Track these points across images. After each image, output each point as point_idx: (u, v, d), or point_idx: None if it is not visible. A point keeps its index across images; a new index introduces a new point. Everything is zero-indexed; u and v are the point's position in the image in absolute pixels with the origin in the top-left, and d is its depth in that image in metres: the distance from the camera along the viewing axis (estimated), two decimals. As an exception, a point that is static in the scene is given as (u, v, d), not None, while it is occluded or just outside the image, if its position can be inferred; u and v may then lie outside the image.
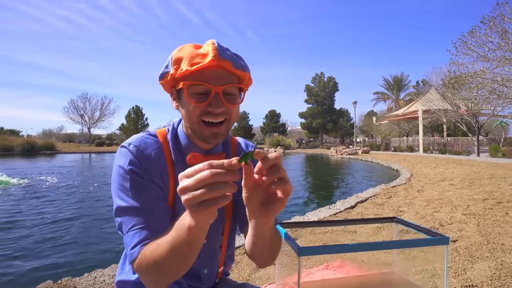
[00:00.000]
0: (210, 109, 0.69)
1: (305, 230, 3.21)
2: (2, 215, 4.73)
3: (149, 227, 0.67)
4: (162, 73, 0.74)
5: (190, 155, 0.75)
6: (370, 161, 15.73)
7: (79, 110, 41.77)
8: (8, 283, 2.51)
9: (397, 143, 25.19)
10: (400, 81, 40.91)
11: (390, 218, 1.82)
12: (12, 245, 3.40)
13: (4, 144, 23.35)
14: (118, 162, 0.72)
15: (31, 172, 11.11)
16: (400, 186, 6.34)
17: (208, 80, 0.68)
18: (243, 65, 0.72)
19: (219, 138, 0.74)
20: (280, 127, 53.67)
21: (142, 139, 0.75)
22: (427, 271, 2.20)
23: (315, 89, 42.56)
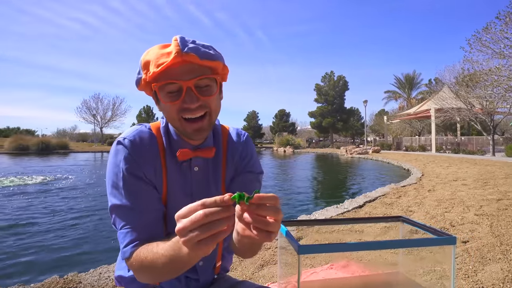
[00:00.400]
0: (185, 105, 0.69)
1: (311, 229, 3.18)
2: (15, 212, 4.85)
3: (140, 227, 0.69)
4: (136, 80, 0.73)
5: (179, 152, 0.75)
6: (381, 161, 15.52)
7: (92, 110, 42.54)
8: (17, 276, 2.56)
9: (409, 143, 24.76)
10: (412, 80, 40.16)
11: (396, 217, 1.77)
12: (22, 240, 3.48)
13: (20, 144, 23.97)
14: (112, 159, 0.72)
15: (45, 170, 11.36)
16: (410, 185, 6.22)
17: (176, 77, 0.67)
18: (211, 54, 0.70)
19: (203, 132, 0.73)
20: (290, 126, 53.49)
21: (137, 132, 0.75)
22: (433, 272, 2.14)
23: (325, 88, 42.23)
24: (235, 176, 0.85)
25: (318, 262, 2.38)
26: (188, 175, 0.79)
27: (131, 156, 0.71)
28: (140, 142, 0.74)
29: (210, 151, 0.79)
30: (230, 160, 0.85)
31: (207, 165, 0.81)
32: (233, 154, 0.85)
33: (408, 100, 38.25)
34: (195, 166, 0.79)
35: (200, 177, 0.80)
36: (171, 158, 0.77)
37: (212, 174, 0.82)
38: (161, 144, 0.77)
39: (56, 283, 1.94)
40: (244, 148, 0.87)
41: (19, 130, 49.80)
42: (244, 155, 0.87)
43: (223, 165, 0.84)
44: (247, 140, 0.90)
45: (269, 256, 2.41)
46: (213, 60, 0.70)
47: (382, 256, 2.48)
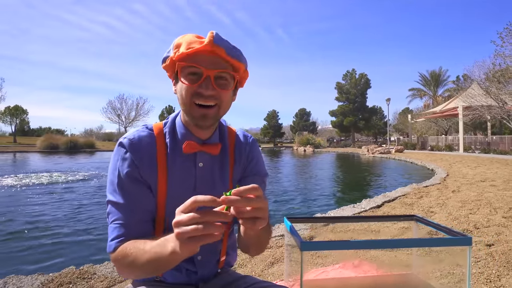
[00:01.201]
0: (200, 90, 0.72)
1: (325, 228, 3.12)
2: (41, 208, 5.10)
3: (128, 225, 0.73)
4: (164, 57, 0.78)
5: (186, 143, 0.77)
6: (403, 160, 15.02)
7: (116, 110, 44.11)
8: (36, 265, 2.69)
9: (434, 142, 23.80)
10: (438, 77, 38.54)
11: (409, 216, 1.70)
12: (44, 233, 3.66)
13: (51, 143, 25.24)
14: (113, 157, 0.77)
15: (72, 168, 11.89)
16: (433, 186, 5.97)
17: (201, 63, 0.71)
18: (238, 54, 0.75)
19: (208, 120, 0.75)
20: (310, 125, 52.94)
21: (137, 132, 0.79)
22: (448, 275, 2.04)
23: (346, 86, 41.44)
24: (242, 178, 0.88)
25: (330, 262, 2.33)
26: (192, 171, 0.80)
27: (128, 155, 0.75)
28: (138, 142, 0.77)
29: (216, 147, 0.81)
30: (238, 160, 0.87)
31: (213, 162, 0.83)
32: (240, 154, 0.88)
33: (433, 98, 36.78)
34: (200, 162, 0.80)
35: (204, 173, 0.81)
36: (175, 154, 0.79)
37: (219, 172, 0.83)
38: (160, 143, 0.79)
39: (73, 273, 2.01)
40: (251, 150, 0.90)
41: (50, 130, 52.47)
42: (251, 157, 0.89)
43: (230, 164, 0.86)
44: (254, 142, 0.93)
45: (279, 254, 2.39)
46: (238, 60, 0.75)
47: (396, 257, 2.40)
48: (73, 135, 47.22)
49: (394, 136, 40.18)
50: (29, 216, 4.47)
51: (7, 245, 3.28)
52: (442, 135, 25.96)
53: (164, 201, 0.78)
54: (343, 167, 14.11)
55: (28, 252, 3.07)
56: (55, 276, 1.98)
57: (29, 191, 6.54)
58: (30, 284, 1.87)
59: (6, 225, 4.04)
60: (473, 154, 17.50)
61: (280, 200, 5.85)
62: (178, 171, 0.79)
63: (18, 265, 2.74)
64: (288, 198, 6.07)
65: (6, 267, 2.67)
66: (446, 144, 22.14)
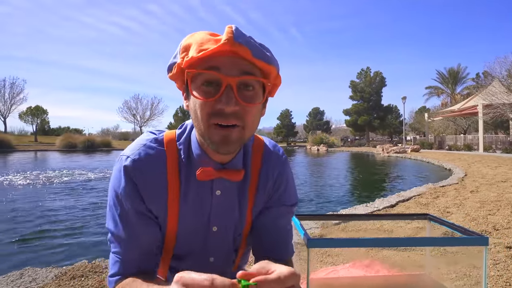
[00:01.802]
0: (219, 106, 0.55)
1: (336, 227, 3.07)
2: (59, 204, 5.25)
3: (129, 261, 0.63)
4: (169, 64, 0.61)
5: (200, 170, 0.62)
6: (420, 160, 14.65)
7: (132, 110, 45.04)
8: (51, 258, 2.78)
9: (453, 141, 23.11)
10: (457, 74, 37.39)
11: (422, 215, 1.65)
12: (59, 227, 3.76)
13: (69, 142, 25.95)
14: (112, 179, 0.64)
15: (88, 166, 12.20)
16: (450, 186, 5.80)
17: (218, 68, 0.54)
18: (267, 55, 0.57)
19: (230, 145, 0.58)
20: (324, 124, 52.42)
21: (143, 149, 0.64)
22: (464, 276, 1.97)
23: (360, 84, 40.80)
24: (265, 207, 0.73)
25: (340, 261, 2.29)
26: (207, 199, 0.67)
27: (130, 182, 0.61)
28: (145, 163, 0.62)
29: (238, 173, 0.66)
30: (263, 185, 0.71)
31: (233, 189, 0.69)
32: (267, 178, 0.71)
33: (452, 96, 35.73)
34: (218, 189, 0.67)
35: (221, 202, 0.68)
36: (188, 176, 0.65)
37: (239, 200, 0.70)
38: (172, 161, 0.65)
39: (85, 266, 2.06)
40: (281, 173, 0.73)
41: (68, 129, 53.99)
42: (280, 182, 0.73)
43: (252, 190, 0.71)
44: (286, 162, 0.75)
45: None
46: (268, 63, 0.57)
47: (409, 258, 2.34)
48: (90, 134, 48.41)
49: (410, 136, 39.26)
50: (47, 212, 4.62)
51: (25, 238, 3.39)
52: (461, 134, 25.18)
53: (175, 231, 0.67)
54: (356, 166, 13.90)
55: (44, 246, 3.17)
56: (68, 269, 2.03)
57: (49, 188, 6.74)
58: (44, 276, 1.93)
59: (25, 220, 4.18)
60: (494, 154, 16.89)
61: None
62: (191, 198, 0.66)
63: (34, 258, 2.83)
64: (299, 197, 6.03)
65: (23, 259, 2.77)
66: (465, 144, 21.46)
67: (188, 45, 0.57)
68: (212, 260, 0.74)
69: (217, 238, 0.71)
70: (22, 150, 23.31)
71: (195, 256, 0.72)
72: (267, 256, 0.69)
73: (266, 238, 0.72)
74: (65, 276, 1.93)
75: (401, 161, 15.55)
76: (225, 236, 0.72)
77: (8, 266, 2.58)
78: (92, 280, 1.90)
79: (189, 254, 0.72)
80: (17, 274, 1.95)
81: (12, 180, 7.93)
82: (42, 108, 38.75)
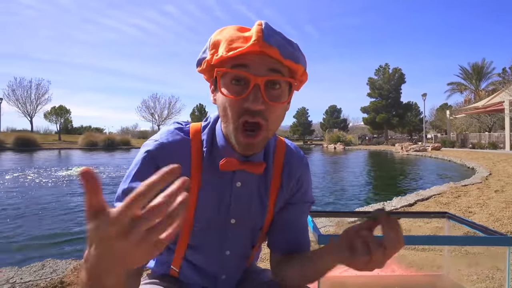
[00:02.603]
0: (246, 104, 0.57)
1: (351, 225, 3.01)
2: (75, 199, 5.44)
3: None
4: (199, 59, 0.64)
5: (224, 160, 0.65)
6: (440, 158, 14.18)
7: (150, 109, 45.88)
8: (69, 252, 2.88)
9: (476, 139, 22.25)
10: (481, 69, 35.86)
11: (441, 213, 1.60)
12: (73, 222, 3.89)
13: (90, 140, 26.81)
14: (135, 161, 0.66)
15: (108, 163, 12.56)
16: (473, 185, 5.58)
17: (247, 66, 0.57)
18: (295, 54, 0.59)
19: (252, 149, 0.62)
20: (341, 122, 51.72)
21: (170, 135, 0.67)
22: (487, 278, 1.89)
23: (378, 81, 39.96)
24: (289, 204, 0.76)
25: (355, 259, 2.25)
26: (227, 190, 0.69)
27: (154, 163, 0.63)
28: (170, 148, 0.65)
29: (260, 166, 0.67)
30: (286, 184, 0.74)
31: (253, 183, 0.71)
32: (289, 178, 0.74)
33: (476, 92, 34.31)
34: (238, 181, 0.69)
35: (241, 194, 0.70)
36: (210, 166, 0.67)
37: (259, 194, 0.72)
38: (196, 150, 0.67)
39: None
40: (303, 174, 0.76)
41: (90, 128, 55.81)
42: (301, 182, 0.76)
43: (275, 186, 0.73)
44: (307, 164, 0.79)
45: (303, 250, 2.35)
46: (296, 61, 0.59)
47: (427, 257, 2.26)
48: (110, 133, 49.66)
49: (430, 134, 38.11)
50: (69, 205, 4.79)
51: (46, 231, 3.53)
52: (485, 132, 24.18)
53: (191, 218, 0.68)
54: (373, 165, 13.62)
55: (64, 239, 3.30)
56: (86, 262, 2.09)
57: (71, 183, 7.00)
58: (64, 268, 2.00)
59: (48, 213, 4.35)
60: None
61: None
62: (211, 188, 0.68)
63: (55, 250, 2.96)
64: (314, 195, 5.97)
65: (44, 251, 2.89)
66: (489, 142, 20.61)
67: (217, 41, 0.58)
68: (228, 254, 0.74)
69: (235, 231, 0.72)
70: (47, 148, 24.26)
71: (210, 248, 0.73)
72: (289, 249, 0.73)
73: (289, 232, 0.74)
74: (83, 269, 1.99)
75: (421, 159, 15.10)
76: (243, 229, 0.73)
77: (30, 257, 2.70)
78: (109, 272, 1.95)
79: (204, 245, 0.72)
80: (39, 265, 2.03)
81: (39, 176, 8.28)
82: (66, 108, 40.22)
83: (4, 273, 1.90)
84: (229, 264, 0.76)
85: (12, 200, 5.30)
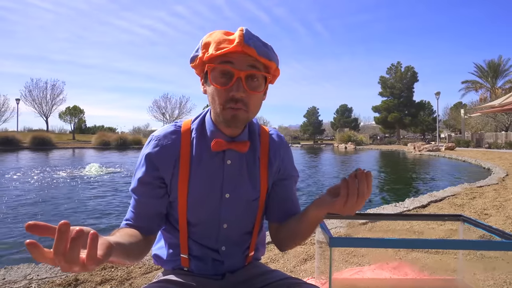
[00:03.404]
0: (231, 93, 0.71)
1: (363, 227, 2.98)
2: (92, 197, 5.55)
3: (137, 215, 0.79)
4: (192, 56, 0.77)
5: (214, 141, 0.77)
6: (455, 159, 13.87)
7: (161, 109, 46.32)
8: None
9: (492, 139, 21.67)
10: (497, 67, 34.85)
11: (455, 216, 1.56)
12: (87, 221, 3.97)
13: (103, 139, 27.30)
14: (140, 154, 0.82)
15: (124, 162, 12.77)
16: (489, 186, 5.44)
17: (231, 63, 0.71)
18: (269, 54, 0.73)
19: (238, 121, 0.74)
20: (352, 122, 51.21)
21: (164, 129, 0.82)
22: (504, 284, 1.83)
23: (390, 80, 39.37)
24: (279, 179, 0.88)
25: (366, 261, 2.22)
26: (219, 168, 0.80)
27: (149, 153, 0.78)
28: (163, 140, 0.79)
29: (245, 144, 0.80)
30: (273, 161, 0.86)
31: (242, 160, 0.82)
32: (275, 156, 0.87)
33: (492, 91, 33.40)
34: (228, 159, 0.80)
35: (232, 171, 0.81)
36: (202, 150, 0.80)
37: (248, 170, 0.83)
38: (185, 140, 0.80)
39: (115, 259, 2.16)
40: (285, 152, 0.90)
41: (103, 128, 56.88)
42: (287, 159, 0.90)
43: (264, 164, 0.85)
44: (287, 144, 0.93)
45: (313, 251, 2.33)
46: (269, 59, 0.73)
47: (441, 261, 2.22)
48: (123, 132, 50.47)
49: (444, 133, 37.33)
50: (85, 202, 4.91)
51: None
52: (502, 131, 23.52)
53: (185, 198, 0.79)
54: (386, 165, 13.43)
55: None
56: (100, 261, 2.13)
57: (86, 182, 7.15)
58: (78, 266, 2.04)
59: (64, 211, 4.46)
60: (540, 152, 15.61)
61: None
62: (204, 168, 0.79)
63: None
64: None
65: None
66: (506, 141, 20.05)
67: (207, 43, 0.72)
68: (226, 227, 0.83)
69: (230, 204, 0.82)
70: (62, 147, 24.84)
71: (208, 222, 0.82)
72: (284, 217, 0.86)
73: (282, 203, 0.88)
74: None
75: (434, 159, 14.81)
76: (237, 201, 0.82)
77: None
78: (121, 271, 1.98)
79: (202, 220, 0.82)
80: (54, 263, 2.09)
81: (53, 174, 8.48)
82: (79, 108, 41.05)
83: (22, 269, 1.96)
84: (228, 237, 0.85)
85: (31, 196, 5.45)
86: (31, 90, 37.75)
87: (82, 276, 1.89)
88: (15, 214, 4.36)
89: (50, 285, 1.78)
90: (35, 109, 38.38)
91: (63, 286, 1.78)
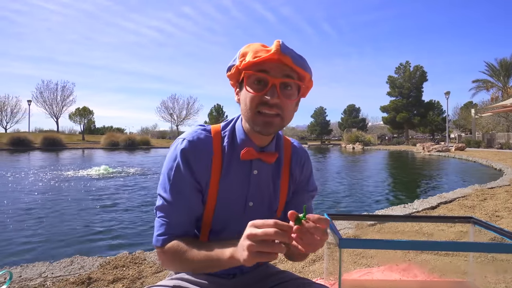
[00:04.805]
0: (265, 98, 0.72)
1: (371, 228, 2.97)
2: (102, 198, 5.64)
3: (173, 224, 0.77)
4: (229, 65, 0.80)
5: (245, 150, 0.79)
6: (465, 159, 13.65)
7: (169, 110, 46.69)
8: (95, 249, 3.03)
9: (504, 139, 21.26)
10: (510, 65, 34.13)
11: (466, 218, 1.55)
12: (99, 221, 4.04)
13: (112, 140, 27.67)
14: (170, 156, 0.80)
15: (130, 163, 12.92)
16: (501, 187, 5.35)
17: (267, 71, 0.73)
18: (304, 64, 0.75)
19: (271, 128, 0.75)
20: (360, 122, 50.79)
21: (195, 134, 0.80)
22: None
23: (399, 80, 38.96)
24: (295, 191, 0.90)
25: (375, 263, 2.22)
26: (246, 177, 0.82)
27: (186, 156, 0.77)
28: (197, 144, 0.78)
29: (273, 156, 0.82)
30: (293, 173, 0.88)
31: (267, 171, 0.84)
32: (296, 167, 0.89)
33: (503, 90, 32.78)
34: (255, 169, 0.82)
35: (258, 181, 0.83)
36: (231, 158, 0.81)
37: (273, 181, 0.85)
38: (217, 146, 0.81)
39: (126, 257, 2.20)
40: (306, 165, 0.91)
41: (111, 129, 57.54)
42: (306, 172, 0.91)
43: (285, 176, 0.87)
44: (308, 157, 0.94)
45: (322, 252, 2.34)
46: (304, 70, 0.75)
47: (451, 263, 2.20)
48: (131, 133, 50.99)
49: (454, 133, 36.79)
50: (97, 203, 4.99)
51: (74, 229, 3.70)
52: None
53: (213, 205, 0.80)
54: (393, 166, 13.30)
55: (91, 237, 3.44)
56: (111, 259, 2.18)
57: (98, 182, 7.26)
58: (91, 264, 2.09)
59: (77, 211, 4.55)
60: (553, 153, 15.27)
61: (326, 200, 5.72)
62: (232, 176, 0.80)
63: (82, 247, 3.10)
64: (333, 197, 5.91)
65: (73, 248, 3.04)
66: (518, 142, 19.63)
67: (245, 52, 0.75)
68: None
69: (253, 212, 0.83)
70: (71, 148, 25.23)
71: (231, 230, 0.81)
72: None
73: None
74: (108, 265, 2.07)
75: (443, 160, 14.61)
76: (259, 211, 0.84)
77: (60, 253, 2.84)
78: (133, 270, 2.02)
79: (225, 228, 0.82)
80: (68, 261, 2.14)
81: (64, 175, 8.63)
82: (89, 109, 41.56)
83: (37, 267, 2.01)
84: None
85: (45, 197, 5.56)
86: (42, 92, 38.57)
87: (95, 274, 1.94)
88: (29, 214, 4.46)
89: (64, 283, 1.83)
90: (45, 110, 39.19)
91: (76, 284, 1.82)
